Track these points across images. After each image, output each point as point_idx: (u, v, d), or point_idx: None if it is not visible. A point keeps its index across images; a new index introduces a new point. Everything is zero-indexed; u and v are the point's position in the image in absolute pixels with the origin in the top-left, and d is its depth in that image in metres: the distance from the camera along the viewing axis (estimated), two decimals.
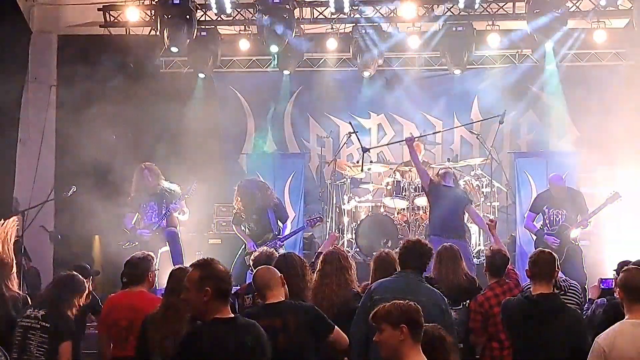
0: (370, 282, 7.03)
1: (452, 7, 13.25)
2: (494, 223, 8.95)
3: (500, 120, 12.09)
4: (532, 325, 5.82)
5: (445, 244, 7.92)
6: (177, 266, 6.44)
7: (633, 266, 5.58)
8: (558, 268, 6.14)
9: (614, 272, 7.76)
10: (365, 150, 12.18)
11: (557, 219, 10.74)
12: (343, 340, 5.88)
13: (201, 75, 14.19)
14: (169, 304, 5.97)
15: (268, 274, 5.89)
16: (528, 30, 12.77)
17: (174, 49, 12.72)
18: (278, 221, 11.06)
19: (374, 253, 7.50)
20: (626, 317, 5.26)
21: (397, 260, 6.64)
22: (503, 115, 12.01)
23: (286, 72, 14.26)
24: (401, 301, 4.77)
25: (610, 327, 5.27)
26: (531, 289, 6.06)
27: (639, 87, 13.22)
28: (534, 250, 6.52)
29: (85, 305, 7.59)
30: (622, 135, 12.92)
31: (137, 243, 10.26)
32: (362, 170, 12.63)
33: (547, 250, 6.33)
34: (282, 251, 9.73)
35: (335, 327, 5.82)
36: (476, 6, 12.76)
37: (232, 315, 4.71)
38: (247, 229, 10.96)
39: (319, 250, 8.53)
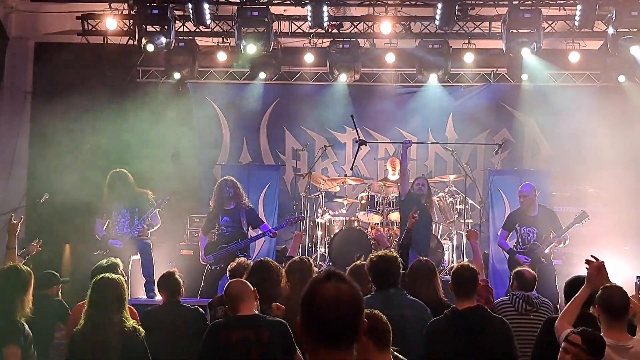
0: None
1: (429, 24, 13.37)
2: (475, 233, 8.91)
3: (496, 151, 12.56)
4: (462, 339, 5.82)
5: (421, 258, 7.66)
6: (99, 276, 6.28)
7: (613, 284, 5.59)
8: (478, 282, 6.27)
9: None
10: (362, 142, 12.17)
11: (529, 237, 10.79)
12: None
13: (177, 85, 14.22)
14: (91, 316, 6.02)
15: (241, 286, 5.88)
16: (504, 49, 12.89)
17: (150, 47, 12.65)
18: (250, 226, 11.03)
19: (347, 267, 7.46)
20: (603, 333, 5.31)
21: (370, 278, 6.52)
22: (500, 147, 12.37)
23: (262, 76, 14.26)
24: None
25: None
26: (456, 305, 6.07)
27: (612, 108, 13.39)
28: (454, 266, 6.54)
29: (54, 313, 7.58)
30: (594, 155, 13.07)
31: (108, 251, 10.19)
32: (352, 167, 12.75)
33: (467, 265, 6.36)
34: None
35: (297, 351, 5.73)
36: (452, 24, 12.86)
37: None
38: (217, 233, 10.90)
39: (288, 254, 8.47)
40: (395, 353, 4.77)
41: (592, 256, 5.78)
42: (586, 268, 5.75)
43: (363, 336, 4.40)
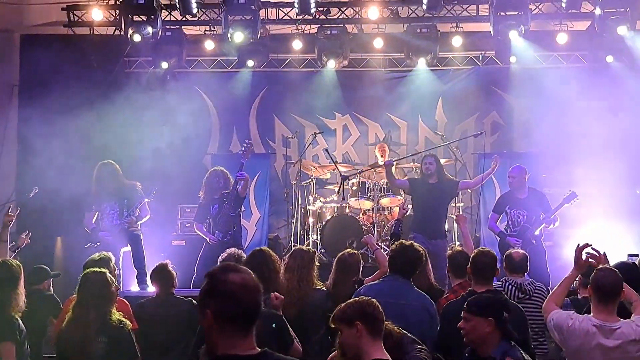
0: (331, 282, 7.04)
1: (416, 9, 13.34)
2: (464, 218, 8.96)
3: (476, 134, 12.58)
4: None
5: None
6: (84, 272, 6.29)
7: (607, 267, 5.66)
8: (497, 268, 6.40)
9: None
10: (344, 178, 12.10)
11: (519, 219, 10.79)
12: (297, 353, 5.82)
13: (165, 75, 14.16)
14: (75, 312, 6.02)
15: None
16: (491, 32, 12.87)
17: (137, 37, 12.63)
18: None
19: (339, 253, 7.50)
20: (592, 314, 5.42)
21: (387, 263, 6.62)
22: (479, 135, 12.44)
23: (250, 64, 14.18)
24: (356, 299, 4.77)
25: (581, 318, 5.43)
26: (474, 288, 6.17)
27: (600, 88, 13.40)
28: (474, 251, 6.62)
29: (46, 308, 7.55)
30: (583, 135, 13.08)
31: (99, 243, 10.17)
32: (338, 191, 12.62)
33: (487, 250, 6.45)
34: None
35: (294, 341, 5.80)
36: (440, 8, 12.83)
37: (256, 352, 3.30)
38: (210, 221, 10.83)
39: None
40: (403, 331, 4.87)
41: (593, 249, 5.85)
42: (587, 255, 5.82)
43: (358, 322, 4.42)
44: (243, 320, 3.22)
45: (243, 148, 10.81)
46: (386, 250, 9.02)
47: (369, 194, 12.81)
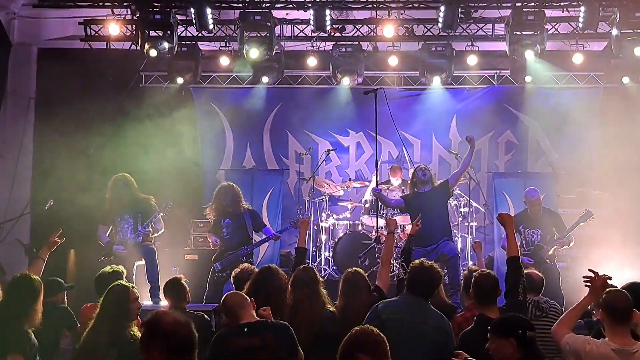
0: (340, 304, 6.92)
1: (432, 27, 13.36)
2: (479, 244, 8.97)
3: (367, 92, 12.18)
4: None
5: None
6: (117, 282, 6.37)
7: (615, 288, 5.62)
8: (500, 289, 6.40)
9: None
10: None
11: (533, 239, 10.76)
12: None
13: (180, 90, 14.23)
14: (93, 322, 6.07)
15: (239, 296, 5.89)
16: (507, 51, 12.87)
17: (153, 52, 12.68)
18: (253, 229, 10.98)
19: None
20: (607, 338, 5.37)
21: (405, 282, 6.58)
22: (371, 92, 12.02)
23: (265, 80, 14.23)
24: (351, 334, 4.45)
25: (598, 342, 5.37)
26: (485, 314, 6.13)
27: (616, 109, 13.36)
28: (475, 274, 6.58)
29: (60, 321, 7.56)
30: (598, 156, 13.03)
31: (112, 257, 10.19)
32: None
33: (488, 272, 6.50)
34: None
35: (301, 354, 5.79)
36: (456, 27, 12.84)
37: None
38: (220, 238, 10.86)
39: (297, 246, 8.25)
40: None
41: (590, 270, 5.80)
42: (586, 285, 5.78)
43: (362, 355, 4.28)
44: (185, 351, 3.81)
45: (295, 221, 10.94)
46: (396, 268, 8.94)
47: (381, 212, 12.78)
